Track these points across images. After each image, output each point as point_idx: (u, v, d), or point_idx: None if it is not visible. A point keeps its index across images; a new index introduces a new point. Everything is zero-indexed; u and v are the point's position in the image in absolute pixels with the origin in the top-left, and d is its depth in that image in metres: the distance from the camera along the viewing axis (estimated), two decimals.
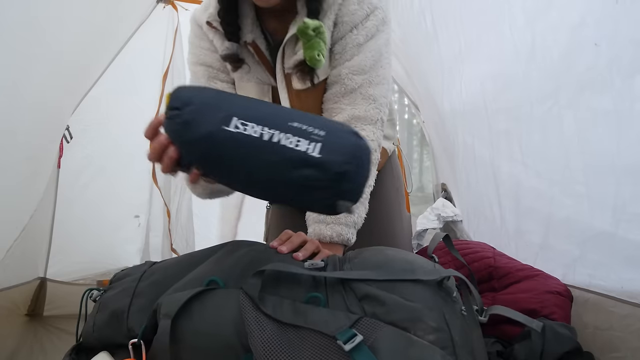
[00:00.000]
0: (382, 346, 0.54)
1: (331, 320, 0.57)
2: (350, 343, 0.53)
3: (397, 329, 0.55)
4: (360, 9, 0.85)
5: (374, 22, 0.85)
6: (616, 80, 0.78)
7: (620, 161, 0.80)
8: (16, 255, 1.51)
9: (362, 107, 0.86)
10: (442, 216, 1.50)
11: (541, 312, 0.82)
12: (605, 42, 0.79)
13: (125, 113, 2.06)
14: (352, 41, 0.85)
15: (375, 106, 0.87)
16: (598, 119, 0.84)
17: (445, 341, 0.55)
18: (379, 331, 0.55)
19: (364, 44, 0.85)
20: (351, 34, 0.85)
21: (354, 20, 0.85)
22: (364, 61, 0.86)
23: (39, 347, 1.74)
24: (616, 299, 0.81)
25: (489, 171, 1.23)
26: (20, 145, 1.31)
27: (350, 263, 0.65)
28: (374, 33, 0.86)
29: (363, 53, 0.85)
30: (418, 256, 0.71)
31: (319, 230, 0.81)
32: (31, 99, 1.28)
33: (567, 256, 0.94)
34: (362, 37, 0.85)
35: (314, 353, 0.54)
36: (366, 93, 0.86)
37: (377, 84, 0.87)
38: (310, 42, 0.81)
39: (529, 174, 1.07)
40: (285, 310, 0.59)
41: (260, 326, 0.56)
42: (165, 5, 1.95)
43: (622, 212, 0.79)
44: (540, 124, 1.00)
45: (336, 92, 0.87)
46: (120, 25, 1.78)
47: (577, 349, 0.73)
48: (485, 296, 0.92)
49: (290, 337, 0.56)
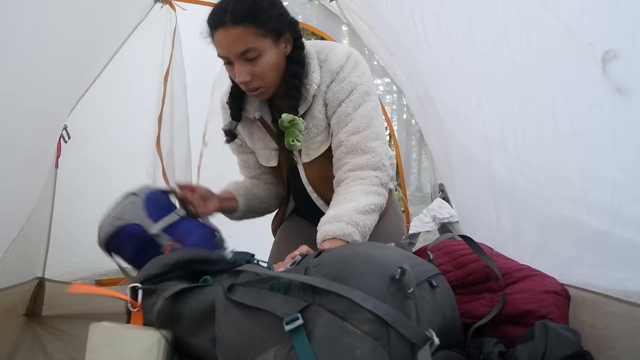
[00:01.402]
0: (318, 332, 0.61)
1: (284, 305, 0.66)
2: (291, 325, 0.62)
3: (336, 318, 0.62)
4: (342, 89, 1.05)
5: (358, 95, 1.04)
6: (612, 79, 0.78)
7: (617, 161, 0.80)
8: (14, 256, 1.51)
9: (364, 157, 1.03)
10: (437, 217, 1.50)
11: (539, 312, 0.83)
12: (599, 41, 0.79)
13: (123, 113, 2.06)
14: (343, 112, 1.05)
15: (374, 155, 1.04)
16: (594, 117, 0.84)
17: (379, 332, 0.59)
18: (320, 318, 0.62)
19: (353, 113, 1.04)
20: (340, 108, 1.05)
21: (340, 98, 1.05)
22: (358, 124, 1.04)
23: (38, 346, 1.74)
24: (613, 297, 0.81)
25: (485, 171, 1.24)
26: (18, 146, 1.31)
27: (319, 257, 0.74)
28: (360, 103, 1.05)
29: (355, 119, 1.04)
30: (390, 250, 0.75)
31: (325, 230, 0.93)
32: (29, 99, 1.28)
33: (563, 256, 0.95)
34: (351, 108, 1.04)
35: (267, 331, 0.66)
36: (365, 147, 1.03)
37: (373, 139, 1.04)
38: (288, 132, 1.03)
39: (524, 174, 1.08)
40: (250, 295, 0.71)
41: (228, 311, 0.71)
42: (163, 5, 1.95)
43: (618, 213, 0.80)
44: (536, 122, 1.01)
45: (341, 152, 1.06)
46: (118, 25, 1.78)
47: (580, 352, 0.73)
48: (483, 297, 0.93)
49: (252, 318, 0.68)
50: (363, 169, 1.03)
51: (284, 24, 1.01)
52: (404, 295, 0.64)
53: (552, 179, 0.98)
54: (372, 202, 0.97)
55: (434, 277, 0.77)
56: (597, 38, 0.80)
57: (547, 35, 0.92)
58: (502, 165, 1.15)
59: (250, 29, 0.94)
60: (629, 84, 0.76)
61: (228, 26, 0.94)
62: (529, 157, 1.05)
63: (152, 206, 1.04)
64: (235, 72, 0.99)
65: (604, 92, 0.80)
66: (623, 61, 0.76)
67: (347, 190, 1.01)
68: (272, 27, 0.98)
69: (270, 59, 0.99)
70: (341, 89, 1.04)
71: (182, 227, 1.05)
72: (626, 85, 0.77)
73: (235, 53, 0.96)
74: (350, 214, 0.93)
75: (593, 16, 0.81)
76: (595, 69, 0.79)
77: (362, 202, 0.96)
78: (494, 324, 0.86)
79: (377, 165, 1.04)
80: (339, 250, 0.76)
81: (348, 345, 0.59)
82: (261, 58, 0.98)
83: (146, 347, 0.76)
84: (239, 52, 0.96)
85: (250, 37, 0.95)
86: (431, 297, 0.73)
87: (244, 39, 0.94)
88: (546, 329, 0.74)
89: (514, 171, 1.10)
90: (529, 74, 1.01)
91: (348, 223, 0.91)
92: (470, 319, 0.90)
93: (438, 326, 0.69)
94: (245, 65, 0.97)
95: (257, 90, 1.02)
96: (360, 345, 0.58)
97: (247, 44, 0.95)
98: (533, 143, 1.03)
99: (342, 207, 0.96)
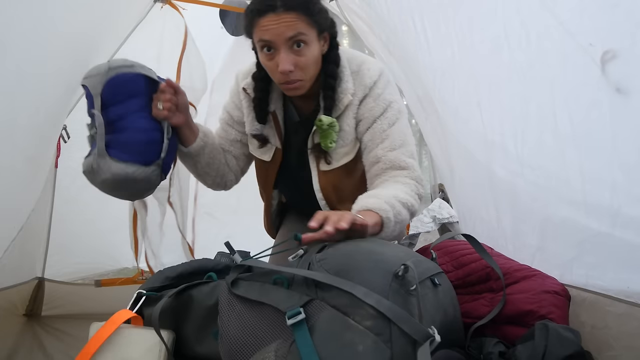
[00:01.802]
0: (320, 326, 0.62)
1: (286, 299, 0.67)
2: (293, 319, 0.62)
3: (338, 313, 0.62)
4: (377, 105, 1.05)
5: (392, 112, 1.06)
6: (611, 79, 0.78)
7: (617, 162, 0.80)
8: (14, 256, 1.51)
9: (403, 173, 1.04)
10: (437, 218, 1.50)
11: (539, 312, 0.83)
12: (599, 41, 0.79)
13: None
14: (379, 129, 1.05)
15: (413, 171, 1.05)
16: (594, 118, 0.84)
17: (381, 328, 0.60)
18: (322, 313, 0.63)
19: (388, 130, 1.05)
20: (375, 124, 1.06)
21: (374, 115, 1.06)
22: (394, 142, 1.05)
23: (37, 346, 1.74)
24: (613, 298, 0.81)
25: (485, 172, 1.24)
26: (17, 145, 1.31)
27: (323, 252, 0.74)
28: (394, 121, 1.06)
29: (391, 136, 1.05)
30: (393, 247, 0.75)
31: (363, 202, 0.92)
32: (28, 98, 1.27)
33: (563, 257, 0.95)
34: (386, 125, 1.05)
35: (269, 325, 0.66)
36: (404, 163, 1.04)
37: (409, 157, 1.06)
38: (324, 133, 1.04)
39: (524, 175, 1.08)
40: (253, 290, 0.72)
41: (231, 305, 0.72)
42: (163, 5, 1.95)
43: (618, 214, 0.80)
44: (536, 123, 1.01)
45: (379, 168, 1.06)
46: (117, 25, 1.78)
47: (580, 352, 0.73)
48: (484, 297, 0.93)
49: (255, 312, 0.69)
50: (399, 184, 1.02)
51: (327, 21, 1.02)
52: (407, 292, 0.64)
53: (552, 180, 0.98)
54: (409, 201, 0.97)
55: (436, 275, 0.78)
56: (596, 38, 0.80)
57: (547, 35, 0.92)
58: (502, 166, 1.15)
59: (301, 17, 0.94)
60: (629, 84, 0.76)
61: (280, 11, 0.93)
62: (529, 158, 1.05)
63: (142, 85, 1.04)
64: (279, 60, 0.96)
65: (604, 93, 0.80)
66: (622, 61, 0.76)
67: (385, 186, 1.01)
68: (319, 20, 0.98)
69: (314, 51, 0.99)
70: (376, 105, 1.05)
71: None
72: (625, 86, 0.77)
73: (284, 37, 0.94)
74: (389, 198, 0.92)
75: (592, 16, 0.81)
76: (594, 69, 0.79)
77: (401, 194, 0.96)
78: (494, 324, 0.86)
79: (416, 179, 1.04)
80: (342, 246, 0.76)
81: (350, 341, 0.59)
82: (307, 48, 0.97)
83: (147, 347, 0.76)
84: (288, 36, 0.94)
85: (301, 24, 0.95)
86: (433, 295, 0.73)
87: (295, 24, 0.94)
88: (546, 329, 0.74)
89: (514, 172, 1.10)
90: (528, 75, 1.01)
91: (386, 202, 0.90)
92: (471, 319, 0.90)
93: (440, 324, 0.70)
94: (290, 54, 0.96)
95: (295, 84, 1.00)
96: (362, 340, 0.58)
97: (297, 29, 0.94)
98: (533, 144, 1.04)
99: (381, 192, 0.96)
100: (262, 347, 0.65)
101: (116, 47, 1.86)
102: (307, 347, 0.59)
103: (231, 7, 2.16)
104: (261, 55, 1.01)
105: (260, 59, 1.03)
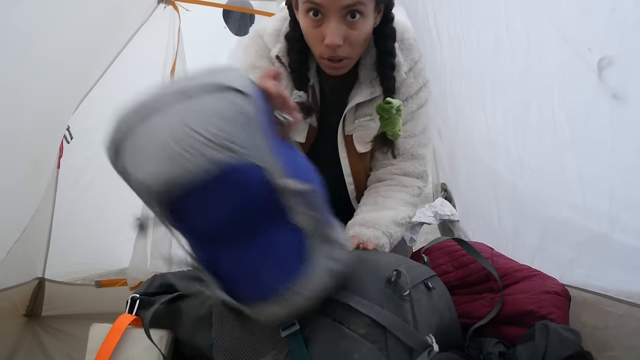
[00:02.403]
0: (316, 336, 0.61)
1: None
2: (287, 330, 0.60)
3: (333, 322, 0.61)
4: (415, 82, 0.95)
5: (425, 93, 0.97)
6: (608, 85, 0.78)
7: (615, 167, 0.80)
8: (16, 256, 1.51)
9: (412, 164, 0.97)
10: (439, 214, 1.51)
11: (539, 313, 0.82)
12: (595, 47, 0.80)
13: None
14: (407, 109, 0.95)
15: (422, 163, 0.99)
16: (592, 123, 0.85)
17: (376, 335, 0.59)
18: (317, 322, 0.62)
19: (415, 112, 0.96)
20: (406, 103, 0.95)
21: (410, 92, 0.95)
22: (416, 127, 0.97)
23: (37, 346, 1.74)
24: (613, 298, 0.81)
25: (488, 172, 1.24)
26: (21, 146, 1.32)
27: None
28: (424, 102, 0.97)
29: (415, 120, 0.96)
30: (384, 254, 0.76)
31: (360, 232, 0.88)
32: (32, 99, 1.28)
33: (564, 257, 0.95)
34: (415, 106, 0.96)
35: (263, 336, 0.65)
36: (416, 153, 0.98)
37: (424, 145, 0.98)
38: (391, 118, 0.90)
39: (524, 177, 1.08)
40: None
41: (223, 317, 0.70)
42: (166, 5, 1.96)
43: (616, 219, 0.80)
44: (536, 127, 1.01)
45: (388, 165, 0.98)
46: (121, 26, 1.79)
47: (580, 353, 0.73)
48: (484, 297, 0.93)
49: (249, 324, 0.66)
50: (408, 176, 0.98)
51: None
52: (400, 298, 0.64)
53: (551, 184, 0.98)
54: (408, 215, 0.95)
55: (430, 279, 0.77)
56: (593, 44, 0.80)
57: (545, 40, 0.93)
58: (505, 167, 1.15)
59: None
60: (625, 91, 0.77)
61: None
62: (528, 160, 1.06)
63: (266, 124, 0.53)
64: (328, 30, 0.81)
65: (601, 98, 0.80)
66: (619, 68, 0.76)
67: (388, 194, 0.96)
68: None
69: (368, 25, 0.85)
70: (415, 82, 0.95)
71: (298, 162, 0.60)
72: (622, 92, 0.77)
73: (340, 4, 0.79)
74: (388, 224, 0.89)
75: (589, 22, 0.81)
76: (591, 75, 0.79)
77: (401, 213, 0.92)
78: (494, 324, 0.86)
79: (421, 174, 0.99)
80: None
81: (345, 349, 0.58)
82: (362, 21, 0.83)
83: (146, 346, 0.76)
84: (345, 3, 0.79)
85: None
86: (428, 299, 0.72)
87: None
88: (547, 330, 0.74)
89: (515, 173, 1.11)
90: (528, 79, 1.01)
91: (384, 233, 0.88)
92: (471, 320, 0.90)
93: (436, 328, 0.69)
94: (342, 25, 0.81)
95: (340, 62, 0.86)
96: (357, 348, 0.58)
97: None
98: (532, 147, 1.04)
99: (382, 214, 0.91)
100: (257, 359, 0.65)
101: (120, 47, 1.87)
102: (303, 358, 0.59)
103: (235, 7, 2.17)
104: (305, 19, 0.84)
105: (301, 22, 0.86)
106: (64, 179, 1.94)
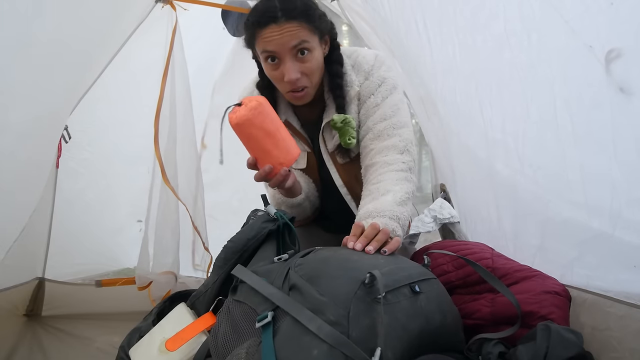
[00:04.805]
0: (283, 330, 0.67)
1: (263, 302, 0.74)
2: (261, 321, 0.69)
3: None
4: (372, 83, 1.09)
5: (386, 87, 1.09)
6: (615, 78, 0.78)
7: (618, 163, 0.80)
8: (15, 256, 1.51)
9: (389, 140, 1.05)
10: (438, 218, 1.50)
11: (540, 313, 0.82)
12: (603, 40, 0.79)
13: (125, 114, 2.06)
14: (372, 103, 1.09)
15: (400, 140, 1.06)
16: (595, 118, 0.84)
17: (337, 338, 0.63)
18: (287, 317, 0.68)
19: (381, 103, 1.08)
20: (370, 99, 1.09)
21: (370, 91, 1.10)
22: (385, 112, 1.07)
23: (37, 346, 1.74)
24: (614, 299, 0.81)
25: (486, 171, 1.24)
26: (19, 146, 1.31)
27: (304, 257, 0.79)
28: (387, 95, 1.09)
29: (382, 108, 1.08)
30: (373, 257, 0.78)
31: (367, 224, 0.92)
32: (30, 99, 1.28)
33: (564, 257, 0.94)
34: (379, 99, 1.09)
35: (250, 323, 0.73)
36: (391, 132, 1.06)
37: (399, 127, 1.07)
38: (342, 131, 1.07)
39: (525, 174, 1.07)
40: (244, 293, 0.80)
41: (227, 307, 0.82)
42: (164, 5, 1.95)
43: (618, 216, 0.80)
44: (537, 123, 1.00)
45: (368, 139, 1.09)
46: (119, 25, 1.78)
47: (581, 354, 0.72)
48: (484, 297, 0.93)
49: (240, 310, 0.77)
50: (389, 153, 1.04)
51: (327, 25, 1.05)
52: (373, 300, 0.67)
53: (552, 181, 0.98)
54: (406, 191, 0.98)
55: (420, 282, 0.75)
56: (600, 37, 0.79)
57: (549, 34, 0.92)
58: (504, 165, 1.15)
59: (303, 24, 0.97)
60: (632, 84, 0.76)
61: (281, 22, 0.95)
62: (529, 157, 1.05)
63: None
64: (285, 69, 0.98)
65: (606, 93, 0.79)
66: (626, 60, 0.75)
67: (377, 179, 1.01)
68: (320, 26, 1.01)
69: (318, 56, 1.02)
70: (371, 83, 1.09)
71: None
72: (629, 85, 0.76)
73: (287, 47, 0.96)
74: (391, 208, 0.93)
75: (596, 15, 0.80)
76: (598, 68, 0.79)
77: (398, 192, 0.97)
78: (494, 324, 0.86)
79: (402, 149, 1.04)
80: (323, 252, 0.80)
81: (307, 344, 0.63)
82: (311, 55, 1.00)
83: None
84: (292, 45, 0.96)
85: (304, 32, 0.97)
86: (410, 303, 0.71)
87: (297, 33, 0.96)
88: (548, 330, 0.74)
89: (515, 171, 1.10)
90: (530, 74, 1.01)
91: (391, 218, 0.91)
92: (471, 320, 0.90)
93: (418, 331, 0.70)
94: (296, 62, 0.98)
95: (302, 92, 1.02)
96: (317, 345, 0.63)
97: (300, 37, 0.96)
98: (534, 144, 1.03)
99: (381, 201, 0.95)
100: (241, 343, 0.72)
101: (118, 47, 1.87)
102: (268, 348, 0.65)
103: (233, 7, 2.16)
104: (265, 65, 1.02)
105: (264, 69, 1.04)
106: (63, 179, 1.94)
